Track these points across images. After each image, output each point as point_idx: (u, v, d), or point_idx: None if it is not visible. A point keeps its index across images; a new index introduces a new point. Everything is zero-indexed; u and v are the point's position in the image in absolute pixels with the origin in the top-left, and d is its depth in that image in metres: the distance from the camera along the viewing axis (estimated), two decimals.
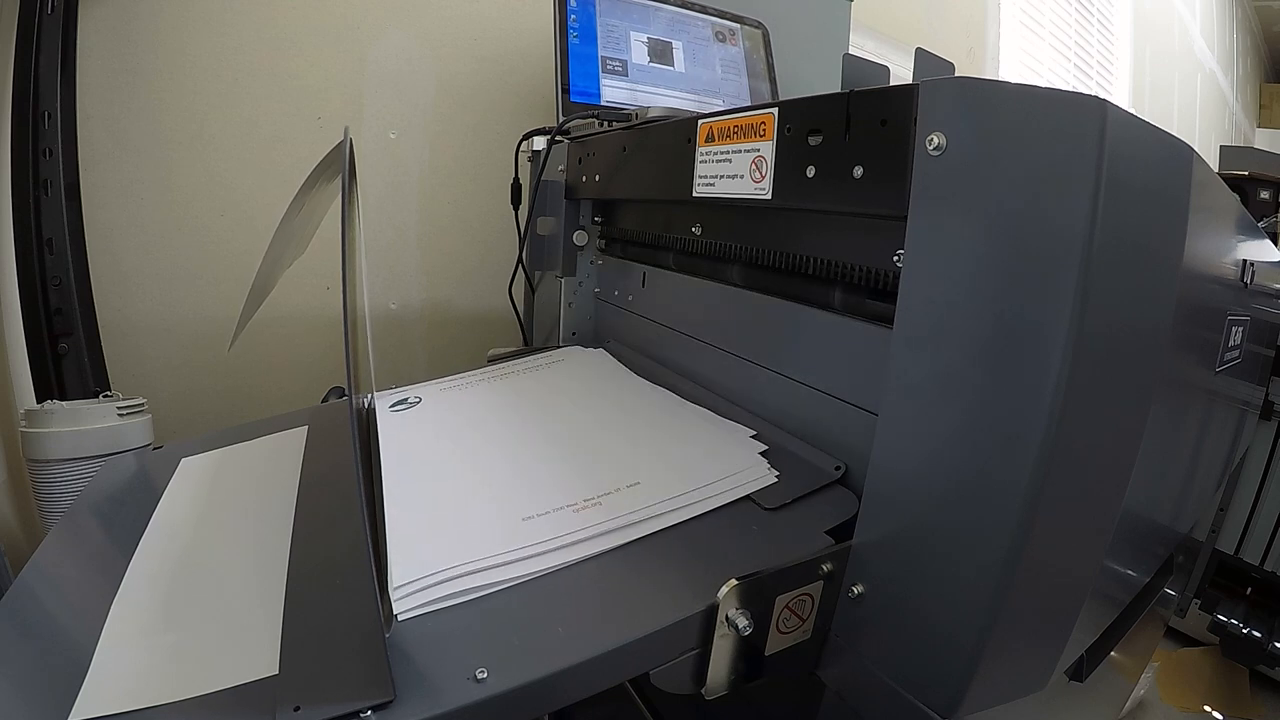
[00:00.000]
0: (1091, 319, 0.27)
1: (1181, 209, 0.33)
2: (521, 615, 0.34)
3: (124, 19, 0.87)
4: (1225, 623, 0.99)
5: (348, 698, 0.28)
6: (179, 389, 0.96)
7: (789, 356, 0.50)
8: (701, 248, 0.61)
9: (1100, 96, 0.27)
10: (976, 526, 0.30)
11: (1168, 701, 1.03)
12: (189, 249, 0.95)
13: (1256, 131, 4.43)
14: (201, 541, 0.44)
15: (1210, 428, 0.57)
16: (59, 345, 0.82)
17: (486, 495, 0.43)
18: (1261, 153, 1.18)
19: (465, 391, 0.63)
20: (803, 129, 0.41)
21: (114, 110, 0.88)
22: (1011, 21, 2.13)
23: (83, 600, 0.39)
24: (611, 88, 0.88)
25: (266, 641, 0.33)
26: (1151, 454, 0.37)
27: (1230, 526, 0.98)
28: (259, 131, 0.97)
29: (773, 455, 0.46)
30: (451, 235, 1.14)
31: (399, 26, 1.05)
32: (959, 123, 0.30)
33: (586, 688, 0.31)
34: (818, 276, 0.47)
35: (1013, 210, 0.29)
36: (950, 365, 0.31)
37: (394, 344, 1.13)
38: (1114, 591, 0.48)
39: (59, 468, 0.72)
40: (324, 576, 0.38)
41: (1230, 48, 3.87)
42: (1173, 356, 0.36)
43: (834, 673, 0.39)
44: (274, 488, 0.49)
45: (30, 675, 0.33)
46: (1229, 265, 0.47)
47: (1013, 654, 0.33)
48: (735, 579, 0.34)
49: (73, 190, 0.83)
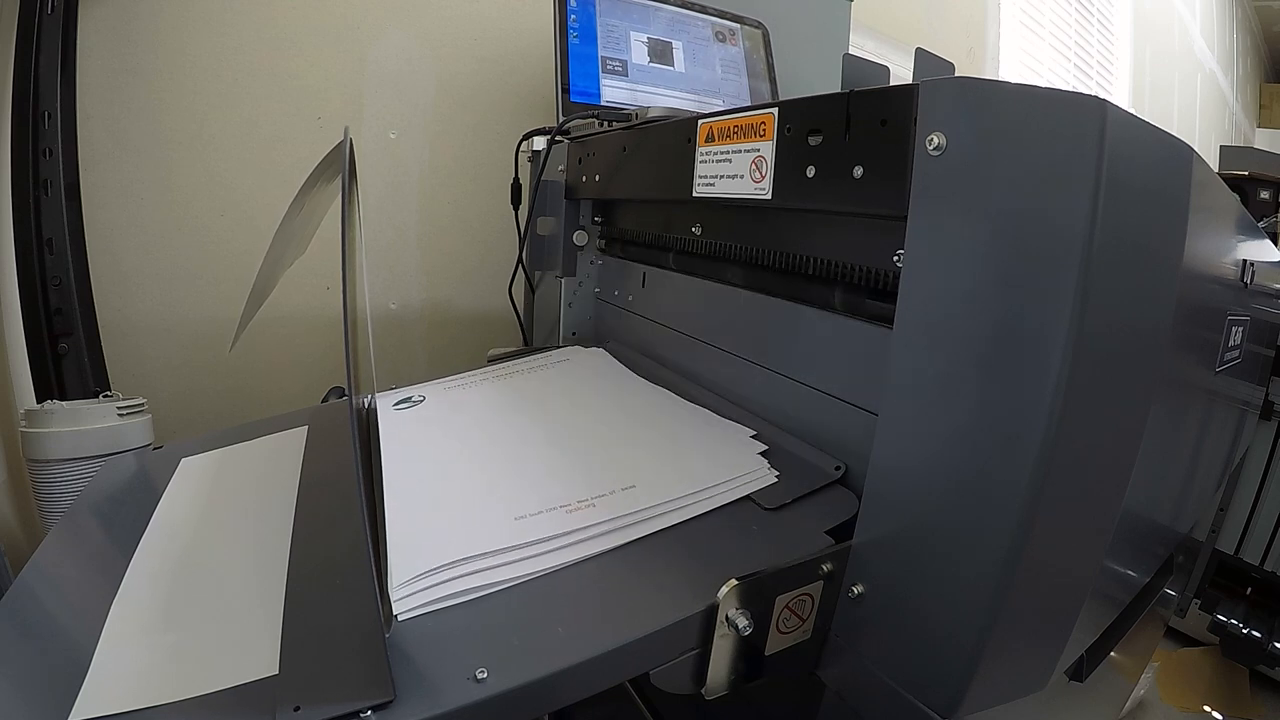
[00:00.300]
0: (1091, 319, 0.27)
1: (1181, 209, 0.33)
2: (521, 615, 0.34)
3: (124, 19, 0.87)
4: (1225, 623, 0.99)
5: (348, 698, 0.28)
6: (179, 389, 0.96)
7: (789, 356, 0.50)
8: (702, 248, 0.61)
9: (1100, 96, 0.27)
10: (976, 526, 0.30)
11: (1168, 701, 1.03)
12: (189, 249, 0.95)
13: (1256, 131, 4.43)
14: (201, 541, 0.44)
15: (1210, 428, 0.57)
16: (59, 345, 0.82)
17: (488, 496, 0.43)
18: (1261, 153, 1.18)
19: (468, 391, 0.63)
20: (803, 129, 0.41)
21: (114, 110, 0.88)
22: (1011, 21, 2.13)
23: (83, 600, 0.39)
24: (611, 88, 0.88)
25: (266, 641, 0.33)
26: (1151, 454, 0.37)
27: (1230, 526, 0.98)
28: (259, 131, 0.97)
29: (773, 455, 0.46)
30: (451, 235, 1.14)
31: (399, 26, 1.05)
32: (959, 123, 0.30)
33: (586, 688, 0.31)
34: (818, 276, 0.47)
35: (1013, 210, 0.29)
36: (950, 365, 0.31)
37: (394, 344, 1.13)
38: (1114, 591, 0.48)
39: (59, 468, 0.72)
40: (324, 576, 0.38)
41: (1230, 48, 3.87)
42: (1173, 357, 0.36)
43: (834, 673, 0.39)
44: (274, 488, 0.49)
45: (30, 675, 0.33)
46: (1229, 265, 0.47)
47: (1013, 654, 0.33)
48: (735, 579, 0.34)
49: (73, 190, 0.83)
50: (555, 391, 0.64)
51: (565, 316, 0.79)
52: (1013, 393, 0.29)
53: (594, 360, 0.71)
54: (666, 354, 0.66)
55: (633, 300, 0.73)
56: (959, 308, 0.31)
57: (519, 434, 0.53)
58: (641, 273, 0.71)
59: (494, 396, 0.62)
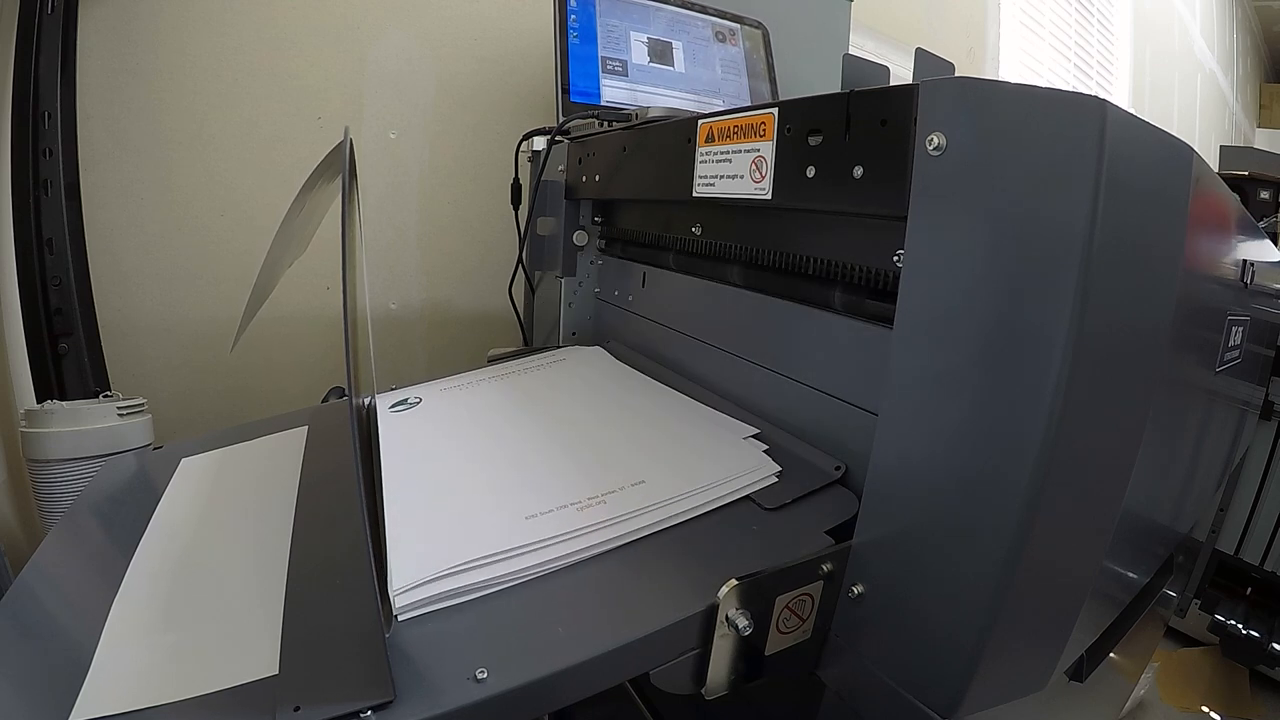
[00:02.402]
0: (1091, 319, 0.27)
1: (1181, 209, 0.32)
2: (521, 615, 0.34)
3: (124, 19, 0.87)
4: (1225, 623, 0.99)
5: (348, 698, 0.28)
6: (179, 389, 0.96)
7: (789, 356, 0.50)
8: (702, 248, 0.61)
9: (1100, 96, 0.27)
10: (976, 526, 0.30)
11: (1168, 701, 1.03)
12: (189, 249, 0.95)
13: (1256, 131, 4.43)
14: (202, 541, 0.44)
15: (1210, 428, 0.57)
16: (59, 345, 0.82)
17: (486, 496, 0.43)
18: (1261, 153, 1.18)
19: (465, 391, 0.63)
20: (803, 129, 0.41)
21: (114, 110, 0.88)
22: (1011, 21, 2.13)
23: (83, 600, 0.39)
24: (611, 88, 0.88)
25: (266, 641, 0.33)
26: (1152, 454, 0.37)
27: (1230, 526, 0.98)
28: (259, 131, 0.97)
29: (773, 455, 0.46)
30: (451, 235, 1.14)
31: (399, 26, 1.05)
32: (959, 123, 0.30)
33: (586, 688, 0.31)
34: (818, 276, 0.47)
35: (1013, 210, 0.29)
36: (950, 365, 0.31)
37: (394, 344, 1.13)
38: (1114, 591, 0.48)
39: (59, 468, 0.72)
40: (324, 576, 0.38)
41: (1230, 48, 3.87)
42: (1173, 356, 0.36)
43: (834, 673, 0.39)
44: (274, 488, 0.49)
45: (30, 675, 0.33)
46: (1229, 265, 0.47)
47: (1013, 654, 0.33)
48: (735, 579, 0.34)
49: (73, 190, 0.83)
50: (555, 391, 0.64)
51: (565, 316, 0.79)
52: (1013, 393, 0.29)
53: (594, 359, 0.71)
54: (666, 354, 0.66)
55: (633, 300, 0.73)
56: (959, 308, 0.31)
57: (520, 434, 0.53)
58: (641, 273, 0.71)
59: (494, 395, 0.62)
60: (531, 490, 0.43)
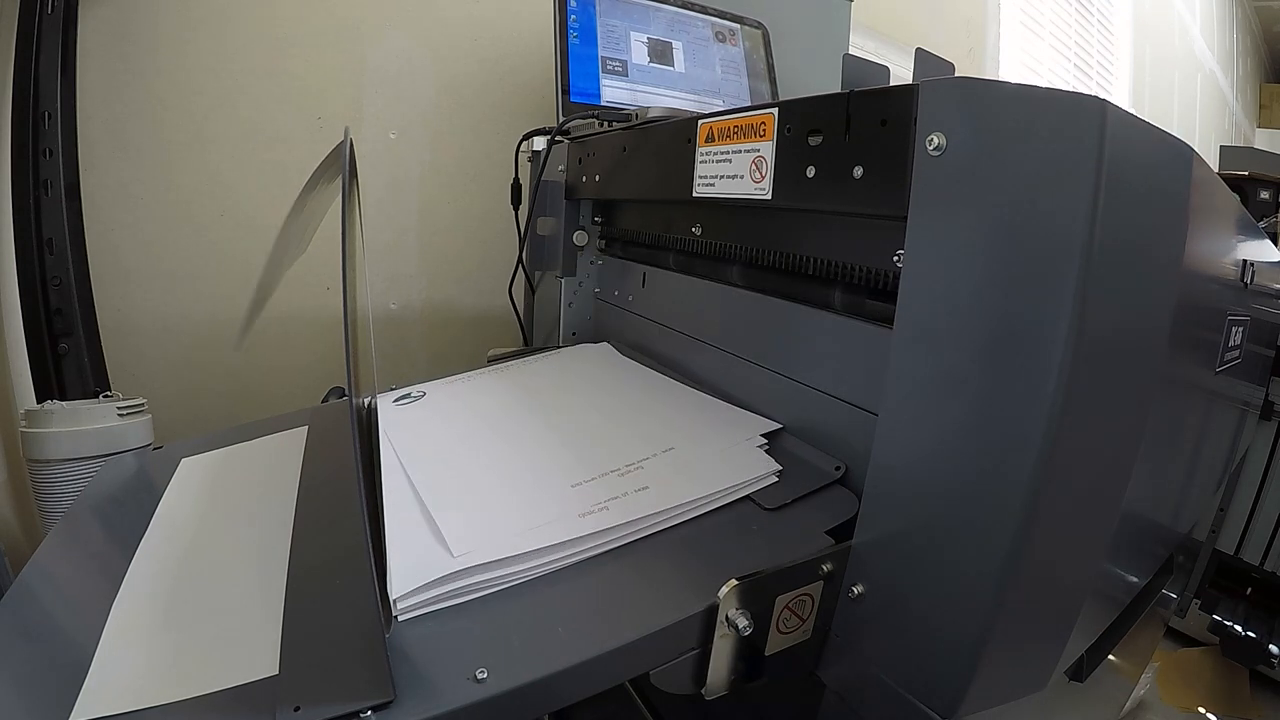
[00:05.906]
0: (1091, 319, 0.27)
1: (1181, 209, 0.33)
2: (521, 615, 0.34)
3: (124, 19, 0.87)
4: (1225, 623, 0.99)
5: (348, 698, 0.28)
6: (179, 389, 0.96)
7: (789, 357, 0.50)
8: (702, 248, 0.61)
9: (1100, 96, 0.27)
10: (976, 526, 0.30)
11: (1168, 701, 1.03)
12: (189, 249, 0.95)
13: (1256, 131, 4.42)
14: (202, 542, 0.44)
15: (1210, 428, 0.57)
16: (59, 345, 0.82)
17: (486, 495, 0.43)
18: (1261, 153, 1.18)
19: (468, 388, 0.63)
20: (803, 129, 0.41)
21: (114, 110, 0.88)
22: (1011, 21, 2.13)
23: (83, 600, 0.39)
24: (611, 88, 0.88)
25: (266, 641, 0.33)
26: (1151, 454, 0.37)
27: (1230, 526, 0.98)
28: (259, 131, 0.97)
29: (773, 455, 0.46)
30: (452, 235, 1.14)
31: (399, 27, 1.05)
32: (959, 123, 0.30)
33: (586, 688, 0.31)
34: (818, 277, 0.47)
35: (1013, 210, 0.29)
36: (950, 365, 0.31)
37: (394, 344, 1.13)
38: (1114, 592, 0.48)
39: (59, 468, 0.72)
40: (324, 577, 0.38)
41: (1230, 48, 3.87)
42: (1173, 357, 0.36)
43: (834, 673, 0.39)
44: (274, 488, 0.49)
45: (31, 675, 0.33)
46: (1229, 265, 0.47)
47: (1013, 654, 0.33)
48: (735, 579, 0.34)
49: (73, 190, 0.83)
50: (557, 386, 0.64)
51: (565, 316, 0.79)
52: (1013, 393, 0.29)
53: (597, 354, 0.71)
54: (666, 354, 0.66)
55: (633, 300, 0.73)
56: (959, 308, 0.31)
57: (521, 431, 0.53)
58: (642, 273, 0.71)
59: (496, 393, 0.62)
60: (530, 491, 0.42)
